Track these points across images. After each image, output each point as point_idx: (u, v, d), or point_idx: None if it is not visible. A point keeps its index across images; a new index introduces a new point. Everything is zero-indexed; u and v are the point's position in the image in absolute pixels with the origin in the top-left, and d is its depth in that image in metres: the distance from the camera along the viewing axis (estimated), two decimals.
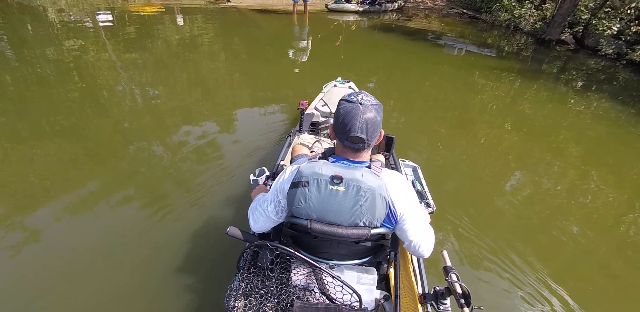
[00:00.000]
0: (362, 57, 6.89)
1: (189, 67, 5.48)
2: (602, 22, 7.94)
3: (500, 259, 2.31)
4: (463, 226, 2.56)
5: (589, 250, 2.55)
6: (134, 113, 3.96)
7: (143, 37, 6.73)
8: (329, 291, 1.14)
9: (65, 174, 2.82)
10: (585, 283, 2.25)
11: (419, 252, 1.20)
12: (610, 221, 2.86)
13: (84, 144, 3.24)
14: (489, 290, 2.11)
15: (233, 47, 6.82)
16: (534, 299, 2.06)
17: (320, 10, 10.81)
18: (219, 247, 2.15)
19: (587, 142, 4.21)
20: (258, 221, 1.25)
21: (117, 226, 2.34)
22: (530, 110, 4.80)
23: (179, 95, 4.51)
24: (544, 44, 8.57)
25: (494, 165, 3.53)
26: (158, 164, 3.01)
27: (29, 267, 2.01)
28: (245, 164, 3.01)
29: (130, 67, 5.22)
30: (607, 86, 6.14)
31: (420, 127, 4.18)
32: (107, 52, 5.74)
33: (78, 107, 3.95)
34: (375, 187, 1.07)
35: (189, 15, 8.89)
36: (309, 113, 2.84)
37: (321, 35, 8.22)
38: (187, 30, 7.52)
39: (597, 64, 7.47)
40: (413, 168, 2.34)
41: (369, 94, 1.14)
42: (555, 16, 8.25)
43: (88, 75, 4.78)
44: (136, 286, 1.94)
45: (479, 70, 6.29)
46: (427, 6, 11.99)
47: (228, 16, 9.08)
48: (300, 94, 4.61)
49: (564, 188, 3.22)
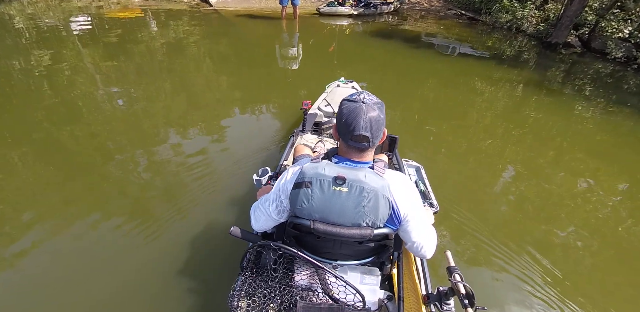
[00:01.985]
0: (357, 61, 6.61)
1: (174, 75, 5.14)
2: (611, 24, 7.51)
3: (505, 259, 2.30)
4: (467, 226, 2.55)
5: (598, 251, 2.53)
6: (146, 117, 3.93)
7: (120, 44, 6.32)
8: (332, 291, 1.14)
9: (64, 183, 2.83)
10: (594, 285, 2.23)
11: (422, 253, 1.20)
12: (619, 224, 2.84)
13: (79, 158, 3.11)
14: (493, 291, 2.09)
15: (216, 54, 6.36)
16: (538, 300, 2.04)
17: (311, 14, 9.98)
18: (222, 248, 2.15)
19: (593, 145, 4.17)
20: (259, 220, 1.25)
21: (118, 225, 2.36)
22: (535, 113, 4.75)
23: (176, 99, 4.52)
24: (550, 47, 8.14)
25: (498, 165, 3.51)
26: (160, 167, 3.03)
27: (34, 269, 2.03)
28: (248, 164, 3.01)
29: (107, 75, 4.90)
30: (616, 91, 5.88)
31: (423, 127, 4.17)
32: (82, 61, 5.36)
33: (53, 119, 3.68)
34: (379, 188, 1.07)
35: (170, 20, 8.14)
36: (312, 113, 2.84)
37: (313, 40, 7.72)
38: (164, 36, 6.96)
39: (606, 67, 7.14)
40: (416, 168, 2.33)
41: (371, 93, 1.13)
42: (562, 18, 7.79)
43: (61, 85, 4.47)
44: (139, 287, 1.95)
45: (481, 73, 6.22)
46: (423, 7, 11.33)
47: (210, 22, 8.45)
48: (297, 99, 4.54)
49: (570, 190, 3.20)
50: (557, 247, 2.50)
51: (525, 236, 2.53)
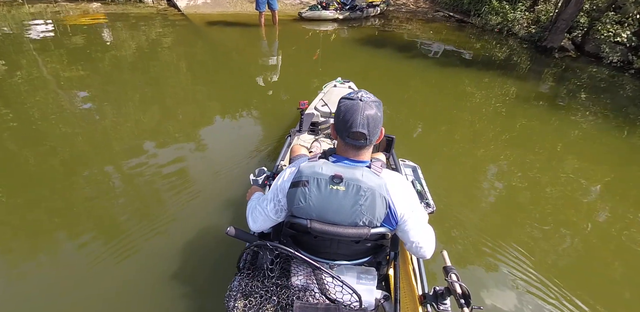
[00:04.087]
0: (344, 68, 6.00)
1: (144, 86, 4.62)
2: (607, 27, 7.18)
3: (501, 259, 2.31)
4: (463, 226, 2.56)
5: (593, 250, 2.55)
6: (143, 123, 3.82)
7: (78, 52, 5.61)
8: (328, 291, 1.13)
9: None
10: (590, 283, 2.25)
11: (421, 253, 1.20)
12: (614, 225, 2.86)
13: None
14: (489, 290, 2.11)
15: (187, 68, 5.60)
16: (534, 299, 2.06)
17: (292, 18, 8.81)
18: (218, 248, 2.15)
19: (587, 148, 4.20)
20: (257, 220, 1.25)
21: (118, 226, 2.34)
22: (530, 117, 4.77)
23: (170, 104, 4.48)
24: (544, 52, 7.69)
25: (494, 166, 3.53)
26: (151, 167, 3.01)
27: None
28: (245, 165, 3.01)
29: (67, 86, 4.42)
30: (614, 96, 5.68)
31: (421, 127, 4.18)
32: (39, 71, 4.80)
33: (6, 135, 3.27)
34: (376, 187, 1.07)
35: (131, 29, 7.06)
36: (308, 113, 2.84)
37: (295, 48, 6.92)
38: (120, 47, 6.05)
39: (601, 72, 6.84)
40: (413, 168, 2.34)
41: (369, 92, 1.14)
42: (558, 21, 7.41)
43: (14, 98, 4.00)
44: (136, 288, 1.94)
45: (474, 77, 6.12)
46: (409, 9, 10.69)
47: (178, 30, 7.33)
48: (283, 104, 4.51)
49: (566, 191, 3.21)
50: (553, 247, 2.52)
51: (522, 236, 2.55)
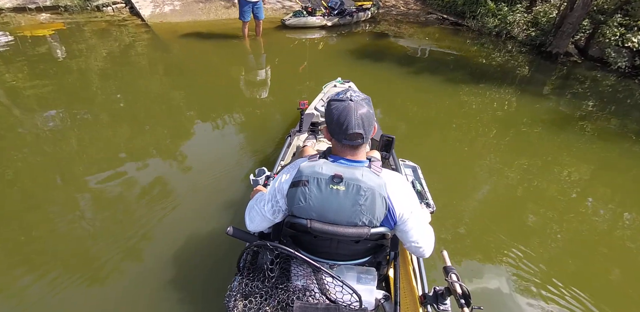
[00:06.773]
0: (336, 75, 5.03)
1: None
2: (614, 31, 6.73)
3: (501, 259, 2.31)
4: (463, 226, 2.56)
5: (593, 250, 2.54)
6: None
7: (39, 65, 4.88)
8: (328, 291, 1.14)
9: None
10: (589, 283, 2.24)
11: (420, 253, 1.21)
12: (616, 225, 2.86)
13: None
14: (489, 290, 2.11)
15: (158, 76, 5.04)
16: (535, 299, 2.06)
17: (274, 26, 7.66)
18: (218, 248, 2.15)
19: (589, 153, 4.17)
20: (254, 220, 1.25)
21: (118, 227, 2.34)
22: (529, 118, 4.75)
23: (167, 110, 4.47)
24: (550, 58, 7.08)
25: (495, 166, 3.52)
26: (152, 167, 3.02)
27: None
28: (246, 165, 3.01)
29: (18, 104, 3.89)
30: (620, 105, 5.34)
31: (421, 128, 4.18)
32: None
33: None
34: (375, 187, 1.07)
35: (85, 42, 5.99)
36: (308, 113, 2.85)
37: (279, 59, 6.12)
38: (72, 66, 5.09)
39: (607, 78, 6.45)
40: (413, 168, 2.33)
41: (356, 90, 1.14)
42: (564, 25, 6.89)
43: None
44: (136, 288, 1.95)
45: (476, 81, 5.83)
46: (400, 11, 9.89)
47: (135, 48, 6.04)
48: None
49: (565, 190, 3.22)
50: (554, 246, 2.52)
51: (523, 236, 2.55)
